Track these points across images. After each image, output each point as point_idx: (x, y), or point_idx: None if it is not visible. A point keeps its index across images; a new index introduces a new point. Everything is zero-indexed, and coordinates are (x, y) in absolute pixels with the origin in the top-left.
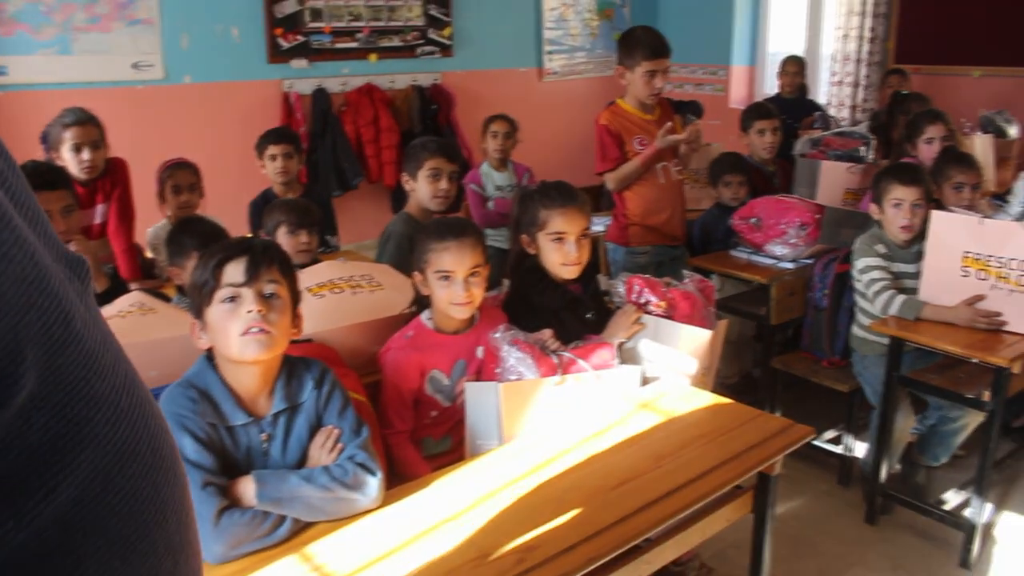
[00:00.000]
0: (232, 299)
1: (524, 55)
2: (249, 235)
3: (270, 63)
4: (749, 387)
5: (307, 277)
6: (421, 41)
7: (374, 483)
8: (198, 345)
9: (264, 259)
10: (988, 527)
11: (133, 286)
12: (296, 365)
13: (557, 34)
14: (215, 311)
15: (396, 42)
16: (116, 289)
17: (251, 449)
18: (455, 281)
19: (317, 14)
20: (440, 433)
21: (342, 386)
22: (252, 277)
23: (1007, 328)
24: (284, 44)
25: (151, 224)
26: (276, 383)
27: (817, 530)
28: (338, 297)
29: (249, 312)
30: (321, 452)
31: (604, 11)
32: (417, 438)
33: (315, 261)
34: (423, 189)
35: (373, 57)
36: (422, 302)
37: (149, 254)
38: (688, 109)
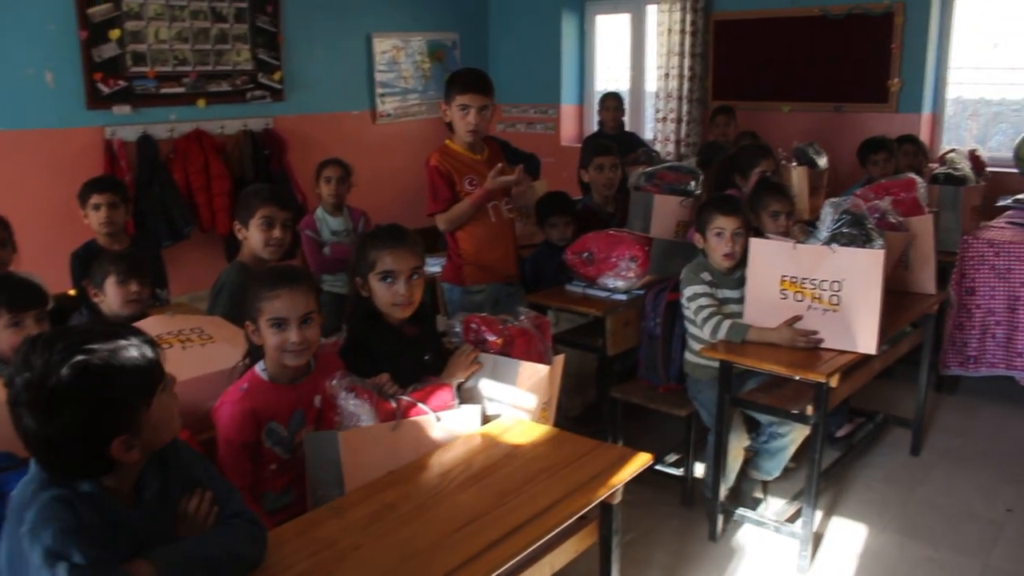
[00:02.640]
0: None
1: (357, 98)
2: (72, 290)
3: (89, 109)
4: (593, 418)
5: None
6: (251, 85)
7: (265, 538)
8: None
9: None
10: (819, 533)
11: None
12: None
13: (389, 77)
14: None
15: (225, 87)
16: None
17: (128, 540)
18: (288, 327)
19: (140, 58)
20: (281, 486)
21: (190, 447)
22: None
23: (824, 345)
24: (105, 89)
25: None
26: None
27: (664, 551)
28: (166, 353)
29: None
30: (198, 515)
31: (436, 53)
32: (257, 493)
33: (143, 315)
34: (255, 237)
35: (201, 102)
36: (256, 353)
37: None
38: (527, 164)
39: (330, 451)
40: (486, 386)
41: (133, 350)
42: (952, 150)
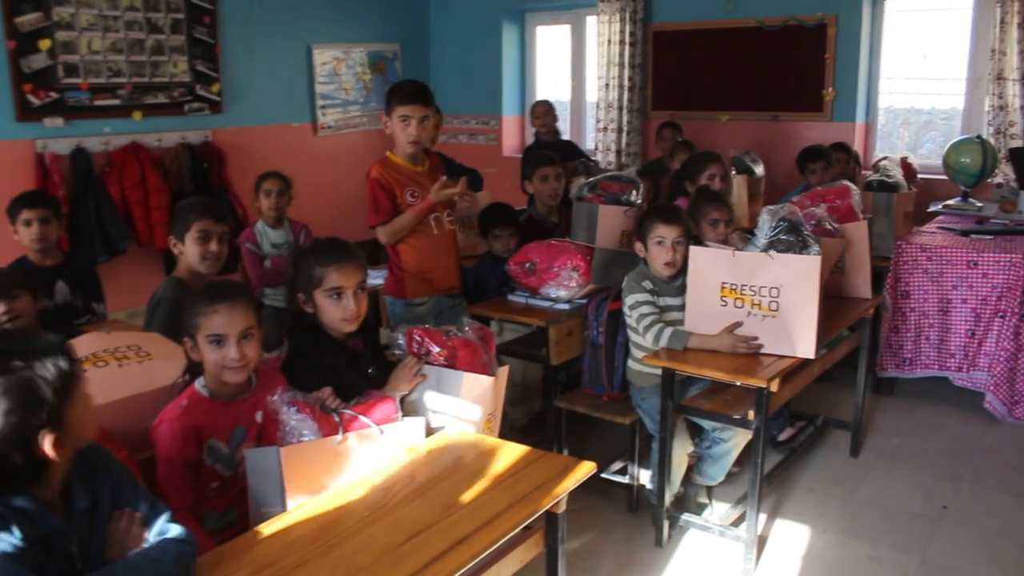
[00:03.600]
0: None
1: (297, 110)
2: None
3: (19, 121)
4: (538, 428)
5: None
6: (189, 98)
7: (194, 554)
8: None
9: None
10: (763, 536)
11: None
12: (82, 453)
13: (330, 88)
14: None
15: (162, 99)
16: None
17: (62, 554)
18: (227, 344)
19: (72, 69)
20: (223, 505)
21: (121, 462)
22: None
23: (764, 351)
24: (35, 101)
25: None
26: (71, 477)
27: (611, 559)
28: (103, 371)
29: None
30: (126, 537)
31: (376, 65)
32: (199, 513)
33: (77, 331)
34: (192, 252)
35: (137, 115)
36: (195, 370)
37: None
38: (469, 179)
39: (271, 467)
40: (430, 398)
41: (50, 347)
42: (884, 158)
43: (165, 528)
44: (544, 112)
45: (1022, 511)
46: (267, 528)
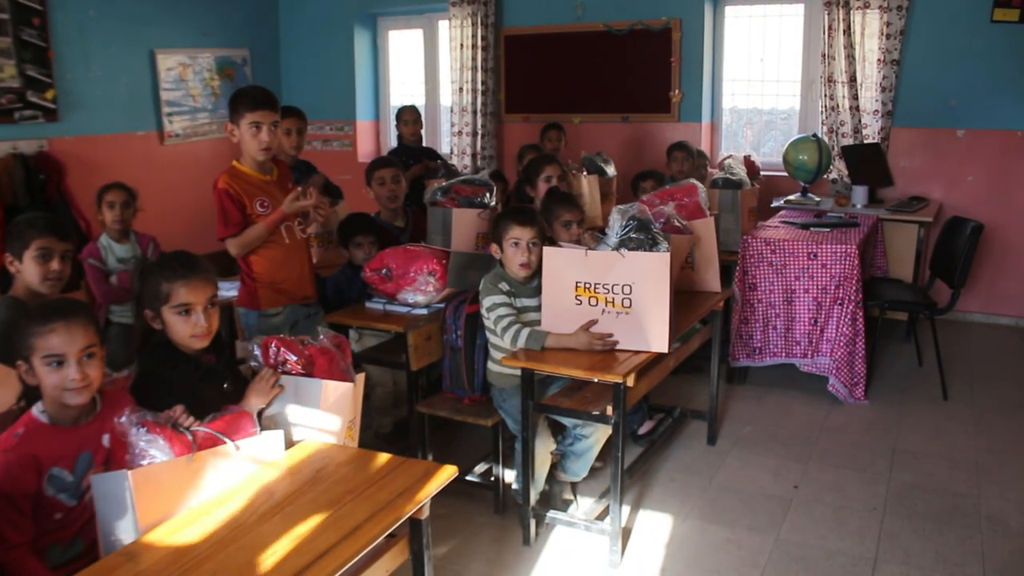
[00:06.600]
0: None
1: (142, 118)
2: None
3: None
4: (403, 435)
5: None
6: (20, 105)
7: None
8: None
9: None
10: (628, 528)
11: None
12: None
13: (177, 95)
14: None
15: None
16: None
17: None
18: (67, 364)
19: None
20: (68, 537)
21: None
22: None
23: (620, 347)
24: None
25: None
26: None
27: (480, 561)
28: None
29: None
30: None
31: (225, 71)
32: (40, 547)
33: None
34: (31, 271)
35: None
36: (32, 395)
37: None
38: (329, 194)
39: (120, 492)
40: (290, 411)
41: None
42: (729, 156)
43: None
44: (413, 119)
45: (863, 484)
46: (117, 557)
